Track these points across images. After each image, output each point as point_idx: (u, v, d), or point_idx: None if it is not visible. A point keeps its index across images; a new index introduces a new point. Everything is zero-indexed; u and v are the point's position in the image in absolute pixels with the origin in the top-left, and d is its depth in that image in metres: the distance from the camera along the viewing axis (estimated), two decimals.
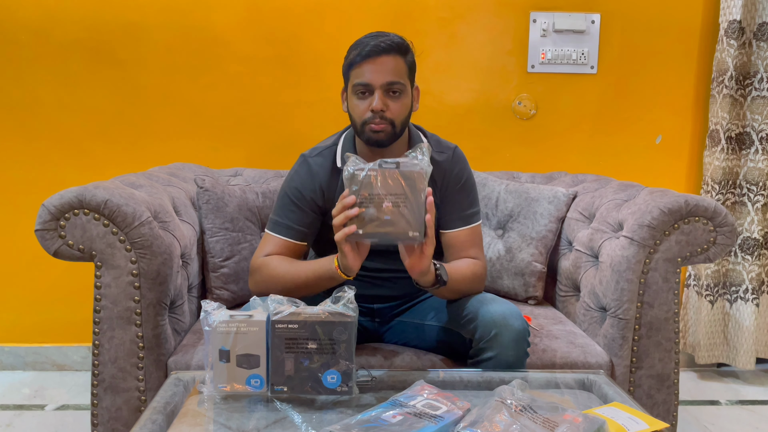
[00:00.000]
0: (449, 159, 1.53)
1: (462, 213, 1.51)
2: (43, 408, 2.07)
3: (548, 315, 1.79)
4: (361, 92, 1.40)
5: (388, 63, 1.38)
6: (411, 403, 1.05)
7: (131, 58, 2.24)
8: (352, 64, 1.40)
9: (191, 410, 1.13)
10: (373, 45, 1.37)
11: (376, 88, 1.38)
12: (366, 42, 1.39)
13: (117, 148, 2.28)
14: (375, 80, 1.38)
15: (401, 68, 1.40)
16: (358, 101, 1.41)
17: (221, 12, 2.24)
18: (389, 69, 1.38)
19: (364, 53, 1.37)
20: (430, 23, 2.29)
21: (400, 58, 1.40)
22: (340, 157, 1.50)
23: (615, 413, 1.05)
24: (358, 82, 1.39)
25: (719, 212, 1.54)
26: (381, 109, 1.38)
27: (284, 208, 1.49)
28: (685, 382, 2.34)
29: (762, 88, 2.26)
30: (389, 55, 1.38)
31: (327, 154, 1.52)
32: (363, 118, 1.41)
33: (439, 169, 1.51)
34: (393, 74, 1.38)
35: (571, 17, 2.29)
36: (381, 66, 1.37)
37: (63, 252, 1.42)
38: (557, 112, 2.36)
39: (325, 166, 1.50)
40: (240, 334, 1.12)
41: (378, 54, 1.37)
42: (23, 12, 2.20)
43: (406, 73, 1.42)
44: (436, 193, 1.51)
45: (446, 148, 1.55)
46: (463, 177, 1.53)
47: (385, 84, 1.38)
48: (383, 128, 1.40)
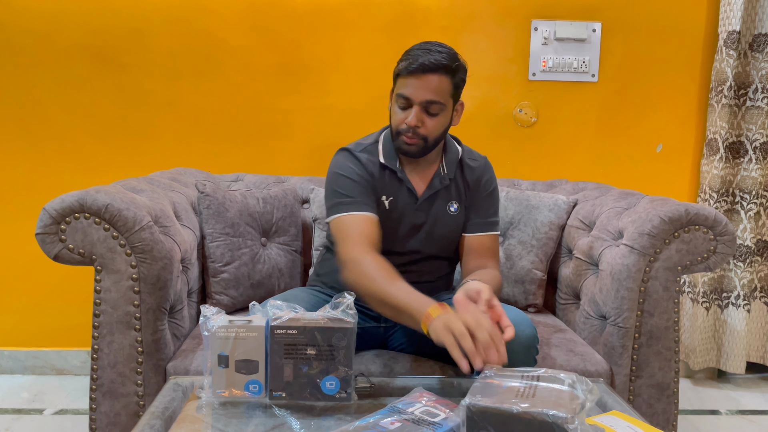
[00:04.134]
0: (482, 165, 1.59)
1: (486, 219, 1.56)
2: (42, 412, 2.07)
3: (548, 323, 1.79)
4: (401, 103, 1.43)
5: (432, 82, 1.39)
6: (409, 410, 1.04)
7: (134, 64, 2.25)
8: (399, 74, 1.43)
9: (190, 416, 1.13)
10: (421, 62, 1.38)
11: (415, 104, 1.40)
12: (417, 56, 1.39)
13: (119, 153, 2.29)
14: (415, 96, 1.40)
15: (445, 88, 1.41)
16: (397, 110, 1.44)
17: (224, 18, 2.25)
18: (432, 88, 1.39)
19: (411, 68, 1.39)
20: (432, 31, 2.29)
21: (446, 78, 1.41)
22: (382, 154, 1.53)
23: (614, 422, 1.05)
24: (400, 94, 1.42)
25: (720, 221, 1.54)
26: (415, 125, 1.41)
27: (348, 188, 1.46)
28: (684, 392, 2.33)
29: (756, 98, 2.28)
30: (435, 74, 1.39)
31: (371, 150, 1.54)
32: (398, 128, 1.45)
33: (472, 174, 1.57)
34: (434, 94, 1.40)
35: (573, 26, 2.30)
36: (424, 83, 1.39)
37: (63, 256, 1.42)
38: (558, 120, 2.36)
39: (373, 161, 1.52)
40: (239, 340, 1.12)
41: (423, 72, 1.38)
42: (27, 17, 2.21)
43: (449, 92, 1.43)
44: (467, 195, 1.56)
45: (479, 156, 1.62)
46: (492, 185, 1.59)
47: (424, 102, 1.40)
48: (415, 143, 1.44)
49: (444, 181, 1.53)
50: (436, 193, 1.54)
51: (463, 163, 1.57)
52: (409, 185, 1.52)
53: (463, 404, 0.94)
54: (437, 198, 1.54)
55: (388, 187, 1.52)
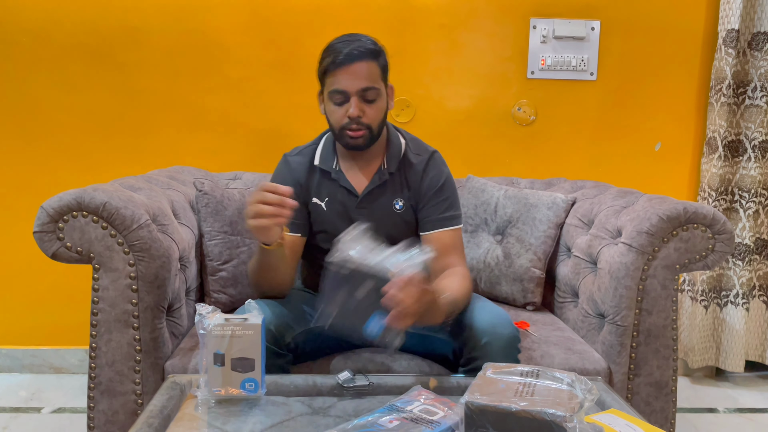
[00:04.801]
0: (423, 162, 1.55)
1: (439, 215, 1.53)
2: (40, 411, 2.07)
3: (546, 321, 1.79)
4: (337, 99, 1.42)
5: (362, 69, 1.40)
6: (408, 409, 1.04)
7: (131, 61, 2.25)
8: (326, 70, 1.43)
9: (188, 414, 1.13)
10: (347, 53, 1.39)
11: (351, 95, 1.41)
12: (339, 49, 1.40)
13: (116, 151, 2.28)
14: (350, 87, 1.40)
15: (375, 73, 1.42)
16: (334, 107, 1.44)
17: (222, 16, 2.25)
18: (363, 75, 1.40)
19: (338, 61, 1.39)
20: (431, 29, 2.29)
21: (373, 63, 1.42)
22: (319, 155, 1.55)
23: (613, 420, 1.05)
24: (334, 90, 1.42)
25: (718, 219, 1.54)
26: (358, 116, 1.41)
27: None
28: (682, 390, 2.34)
29: (756, 96, 2.28)
30: (362, 61, 1.40)
31: (306, 153, 1.57)
32: (341, 124, 1.44)
33: (413, 172, 1.54)
34: (367, 80, 1.41)
35: (571, 24, 2.30)
36: (355, 73, 1.40)
37: (61, 254, 1.41)
38: (557, 118, 2.36)
39: (303, 163, 1.55)
40: (235, 338, 1.12)
41: (351, 61, 1.39)
42: (24, 15, 2.20)
43: (379, 76, 1.44)
44: (412, 194, 1.54)
45: (424, 151, 1.57)
46: (440, 180, 1.54)
47: (360, 90, 1.41)
48: (362, 135, 1.44)
49: (383, 176, 1.52)
50: (378, 190, 1.52)
51: (405, 159, 1.55)
52: (345, 184, 1.51)
53: (462, 402, 0.94)
54: (381, 195, 1.52)
55: (323, 188, 1.53)
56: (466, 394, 0.95)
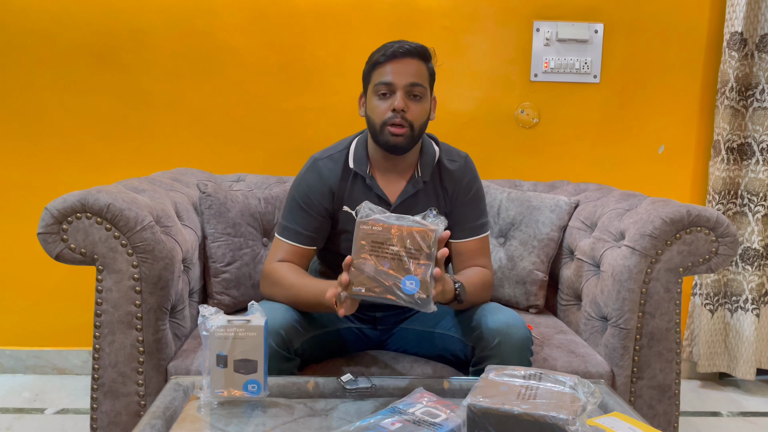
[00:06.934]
0: (461, 168, 1.53)
1: (471, 224, 1.52)
2: (43, 412, 2.07)
3: (549, 324, 1.79)
4: (382, 92, 1.40)
5: (412, 65, 1.39)
6: (410, 411, 1.04)
7: (136, 63, 2.25)
8: (375, 64, 1.41)
9: (190, 415, 1.13)
10: (398, 47, 1.39)
11: (398, 89, 1.39)
12: (390, 45, 1.41)
13: (120, 153, 2.29)
14: (398, 80, 1.38)
15: (423, 73, 1.42)
16: (378, 101, 1.41)
17: (226, 18, 2.25)
18: (412, 71, 1.39)
19: (389, 54, 1.39)
20: (434, 32, 2.29)
21: (423, 64, 1.42)
22: (352, 159, 1.50)
23: (615, 423, 1.05)
24: (381, 81, 1.39)
25: (721, 222, 1.53)
26: (402, 109, 1.38)
27: (293, 212, 1.49)
28: (687, 393, 2.33)
29: (763, 99, 2.26)
30: (413, 59, 1.40)
31: (338, 157, 1.51)
32: (383, 119, 1.40)
33: (450, 178, 1.52)
34: (416, 76, 1.39)
35: (575, 26, 2.30)
36: (404, 67, 1.39)
37: (65, 256, 1.42)
38: (560, 120, 2.36)
39: (335, 169, 1.49)
40: (238, 339, 1.12)
41: (402, 56, 1.39)
42: (29, 16, 2.21)
43: (427, 78, 1.43)
44: (447, 202, 1.52)
45: (458, 156, 1.55)
46: (473, 187, 1.54)
47: (407, 85, 1.39)
48: (403, 132, 1.39)
49: (417, 185, 1.49)
50: (411, 200, 1.49)
51: (441, 166, 1.52)
52: (378, 192, 1.48)
53: (464, 405, 0.94)
54: (414, 205, 1.48)
55: (354, 194, 1.48)
56: (468, 396, 0.95)
